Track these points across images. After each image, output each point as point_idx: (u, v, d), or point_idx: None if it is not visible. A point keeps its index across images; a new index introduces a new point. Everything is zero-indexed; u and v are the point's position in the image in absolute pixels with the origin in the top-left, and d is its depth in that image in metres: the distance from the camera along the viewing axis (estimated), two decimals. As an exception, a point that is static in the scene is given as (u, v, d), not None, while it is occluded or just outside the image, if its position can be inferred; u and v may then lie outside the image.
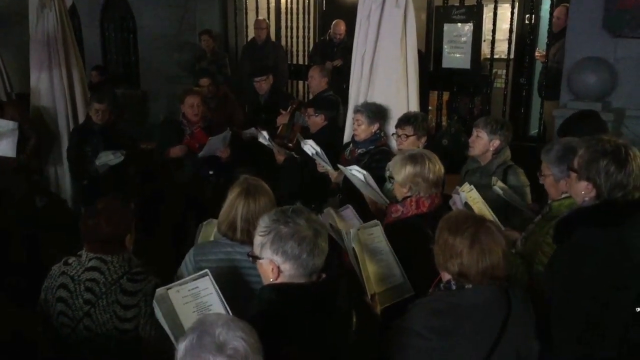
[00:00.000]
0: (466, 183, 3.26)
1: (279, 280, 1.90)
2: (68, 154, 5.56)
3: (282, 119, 5.42)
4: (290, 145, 5.03)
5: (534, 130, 7.20)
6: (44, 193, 6.09)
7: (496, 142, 3.67)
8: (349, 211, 3.29)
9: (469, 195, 3.14)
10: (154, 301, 2.13)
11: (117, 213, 2.61)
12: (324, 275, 1.92)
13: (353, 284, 2.46)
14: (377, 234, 2.67)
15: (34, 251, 5.08)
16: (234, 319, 1.54)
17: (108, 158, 5.15)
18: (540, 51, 6.74)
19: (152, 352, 2.42)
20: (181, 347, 1.46)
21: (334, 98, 5.32)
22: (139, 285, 2.52)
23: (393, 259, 2.63)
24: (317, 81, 5.44)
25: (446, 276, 2.10)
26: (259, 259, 1.93)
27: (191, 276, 2.24)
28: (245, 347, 1.45)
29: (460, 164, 4.25)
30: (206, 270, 2.22)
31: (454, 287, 2.07)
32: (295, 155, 4.68)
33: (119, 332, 2.49)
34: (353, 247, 2.54)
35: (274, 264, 1.89)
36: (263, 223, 1.94)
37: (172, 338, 2.10)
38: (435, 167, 2.86)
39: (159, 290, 2.14)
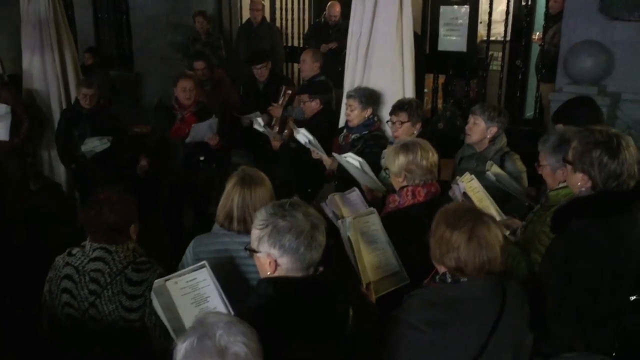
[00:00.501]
0: (467, 173, 3.26)
1: (276, 274, 1.89)
2: (56, 138, 5.52)
3: (276, 112, 5.35)
4: (284, 135, 4.97)
5: (529, 113, 7.19)
6: (38, 177, 6.09)
7: (493, 129, 3.67)
8: (355, 194, 3.28)
9: (468, 185, 3.13)
10: (152, 292, 2.13)
11: (120, 202, 2.60)
12: (321, 269, 1.92)
13: (349, 274, 2.46)
14: (373, 221, 2.66)
15: (36, 235, 5.09)
16: (234, 320, 1.52)
17: (94, 144, 5.11)
18: (537, 34, 6.71)
19: (158, 341, 2.42)
20: (181, 349, 1.45)
21: (327, 81, 5.26)
22: (144, 274, 2.52)
23: (389, 247, 2.63)
24: (308, 65, 5.33)
25: (442, 269, 2.10)
26: (256, 252, 1.92)
27: (189, 268, 2.25)
28: (247, 352, 1.44)
29: (455, 148, 4.24)
30: (204, 262, 2.22)
31: (449, 280, 2.07)
32: (292, 143, 4.66)
33: (125, 322, 2.49)
34: (348, 236, 2.53)
35: (271, 258, 1.88)
36: (260, 216, 1.93)
37: (169, 329, 2.10)
38: (429, 154, 2.86)
39: (157, 282, 2.14)
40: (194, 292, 2.18)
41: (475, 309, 2.01)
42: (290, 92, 5.53)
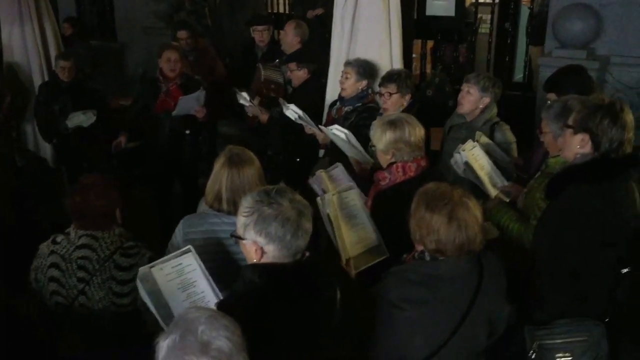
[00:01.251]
0: (470, 140, 3.25)
1: (262, 261, 1.88)
2: (35, 112, 5.42)
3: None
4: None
5: (518, 76, 7.15)
6: (23, 152, 6.00)
7: (486, 100, 3.63)
8: (339, 170, 3.26)
9: (470, 153, 3.12)
10: (137, 280, 2.12)
11: (105, 187, 2.56)
12: (307, 254, 1.91)
13: (333, 257, 2.46)
14: (352, 197, 2.65)
15: (26, 213, 5.03)
16: (216, 315, 1.51)
17: (80, 119, 5.03)
18: None
19: (152, 324, 2.41)
20: (163, 346, 1.43)
21: (314, 52, 5.13)
22: (133, 259, 2.50)
23: (368, 221, 2.63)
24: (290, 38, 5.10)
25: (420, 247, 2.12)
26: (242, 239, 1.91)
27: (174, 253, 2.23)
28: (230, 346, 1.43)
29: (445, 115, 4.21)
30: (189, 246, 2.20)
31: (427, 258, 2.09)
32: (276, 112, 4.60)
33: (116, 307, 2.49)
34: (327, 213, 2.52)
35: (257, 245, 1.87)
36: (246, 203, 1.91)
37: (157, 316, 2.09)
38: (416, 130, 2.81)
39: (142, 269, 2.12)
40: (180, 277, 2.16)
41: (453, 286, 2.05)
42: (265, 92, 5.28)
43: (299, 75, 4.64)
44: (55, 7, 7.60)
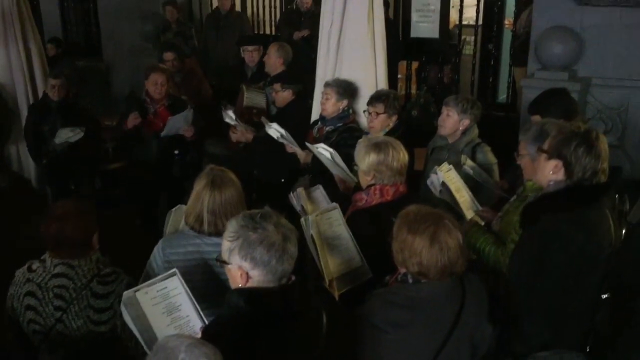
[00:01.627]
0: (445, 163, 3.27)
1: (248, 285, 1.87)
2: (25, 133, 5.40)
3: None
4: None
5: (502, 96, 7.24)
6: (6, 173, 5.95)
7: (466, 122, 3.67)
8: (319, 192, 3.27)
9: (446, 175, 3.14)
10: (121, 305, 2.09)
11: (81, 215, 2.51)
12: (293, 278, 1.91)
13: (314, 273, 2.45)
14: (335, 217, 2.65)
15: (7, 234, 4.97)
16: (197, 342, 1.49)
17: (67, 135, 5.01)
18: (508, 19, 6.74)
19: (134, 350, 2.36)
20: None
21: (298, 73, 5.17)
22: (110, 286, 2.47)
23: (352, 242, 2.63)
24: (273, 60, 5.14)
25: (403, 270, 2.12)
26: (227, 264, 1.90)
27: (159, 276, 2.20)
28: None
29: (430, 135, 4.24)
30: (174, 269, 2.18)
31: (410, 281, 2.09)
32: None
33: (94, 335, 2.45)
34: (311, 234, 2.52)
35: (242, 270, 1.86)
36: (231, 228, 1.90)
37: (141, 342, 2.06)
38: (400, 155, 2.82)
39: (127, 293, 2.09)
40: (165, 301, 2.13)
41: (436, 309, 2.05)
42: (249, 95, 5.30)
43: (283, 96, 4.67)
44: (41, 28, 7.60)
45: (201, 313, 2.16)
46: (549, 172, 2.38)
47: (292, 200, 3.20)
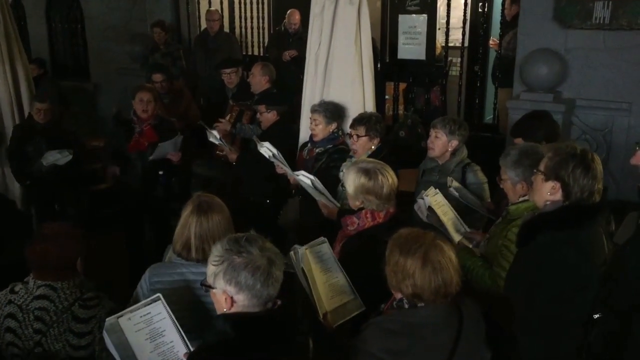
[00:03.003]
0: (431, 187, 3.30)
1: (233, 310, 1.86)
2: (9, 154, 5.35)
3: (223, 127, 5.27)
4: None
5: (488, 117, 7.29)
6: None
7: (454, 142, 3.70)
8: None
9: (433, 199, 3.16)
10: (104, 331, 2.06)
11: (66, 238, 2.49)
12: (279, 302, 1.89)
13: (306, 305, 2.43)
14: (324, 251, 2.63)
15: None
16: None
17: (55, 158, 4.98)
18: (494, 39, 6.81)
19: None
20: None
21: (283, 94, 5.23)
22: (92, 311, 2.44)
23: (342, 275, 2.61)
24: (257, 79, 5.28)
25: (399, 295, 2.10)
26: (212, 288, 1.88)
27: (143, 302, 2.18)
28: None
29: (417, 156, 4.26)
30: (158, 295, 2.16)
31: (406, 306, 2.08)
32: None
33: (73, 359, 2.40)
34: (302, 268, 2.50)
35: (227, 294, 1.85)
36: (216, 252, 1.89)
37: None
38: (389, 181, 2.81)
39: (109, 320, 2.06)
40: (148, 327, 2.11)
41: (434, 334, 2.03)
42: (238, 108, 5.47)
43: (267, 117, 4.69)
44: (29, 48, 7.60)
45: (185, 339, 2.14)
46: (546, 193, 2.41)
47: (292, 261, 3.19)
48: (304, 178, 3.46)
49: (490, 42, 6.84)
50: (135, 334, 2.08)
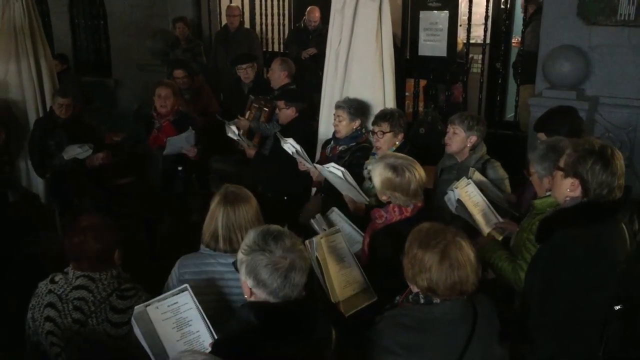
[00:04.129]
0: (463, 178, 3.29)
1: (253, 299, 1.90)
2: (30, 148, 5.41)
3: (242, 124, 5.30)
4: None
5: (510, 114, 7.23)
6: (16, 188, 5.98)
7: (473, 138, 3.67)
8: (335, 214, 3.32)
9: (462, 191, 3.15)
10: (132, 319, 2.09)
11: (104, 228, 2.54)
12: (304, 293, 1.91)
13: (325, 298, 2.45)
14: (339, 240, 2.65)
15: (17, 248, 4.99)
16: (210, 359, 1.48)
17: (76, 152, 5.04)
18: (516, 38, 6.76)
19: None
20: None
21: (302, 91, 5.23)
22: (129, 302, 2.47)
23: (356, 265, 2.62)
24: (276, 74, 5.33)
25: (415, 288, 2.11)
26: (238, 272, 1.94)
27: (171, 292, 2.22)
28: None
29: (437, 153, 4.23)
30: (186, 285, 2.20)
31: (422, 301, 2.08)
32: (264, 150, 4.68)
33: (110, 350, 2.44)
34: (316, 256, 2.51)
35: (247, 285, 1.90)
36: (246, 241, 1.93)
37: (150, 356, 2.06)
38: (416, 177, 2.80)
39: (138, 308, 2.11)
40: (175, 316, 2.15)
41: (448, 330, 2.03)
42: (257, 105, 5.48)
43: (287, 113, 4.70)
44: (52, 44, 7.69)
45: (211, 329, 2.17)
46: (566, 190, 2.39)
47: (314, 226, 3.20)
48: (335, 170, 3.45)
49: (514, 41, 6.78)
50: (163, 322, 2.13)
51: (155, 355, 2.07)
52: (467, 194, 3.19)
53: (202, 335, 2.16)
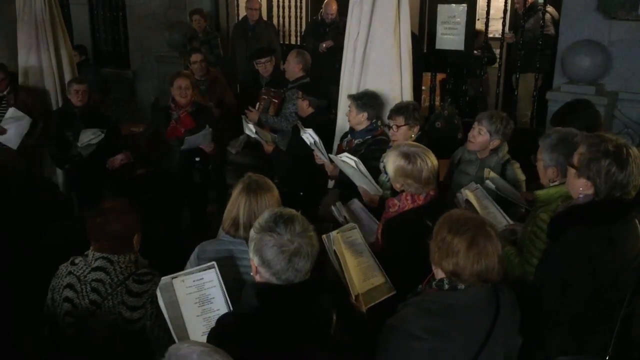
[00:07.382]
0: (472, 183, 3.30)
1: (258, 278, 1.95)
2: (49, 139, 5.44)
3: (252, 116, 5.32)
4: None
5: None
6: (40, 178, 6.05)
7: (496, 142, 3.62)
8: (356, 205, 3.34)
9: (472, 194, 3.16)
10: (157, 289, 2.14)
11: (126, 212, 2.61)
12: (307, 276, 1.94)
13: (337, 285, 2.47)
14: (355, 236, 2.67)
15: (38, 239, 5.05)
16: (209, 350, 1.50)
17: (88, 138, 5.07)
18: (509, 33, 6.75)
19: (161, 353, 2.41)
20: None
21: (321, 89, 5.25)
22: (145, 286, 2.51)
23: (373, 259, 2.64)
24: (291, 66, 5.33)
25: (440, 273, 2.12)
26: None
27: (198, 267, 2.27)
28: None
29: (453, 147, 4.22)
30: (213, 262, 2.25)
31: (446, 287, 2.09)
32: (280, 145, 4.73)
33: (124, 333, 2.48)
34: (334, 250, 2.53)
35: (254, 263, 1.95)
36: (261, 219, 1.97)
37: (170, 327, 2.13)
38: (428, 165, 2.81)
39: (164, 279, 2.16)
40: (199, 292, 2.21)
41: (472, 317, 2.04)
42: (265, 97, 5.50)
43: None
44: (71, 35, 7.75)
45: (232, 308, 2.21)
46: (579, 188, 2.38)
47: (334, 214, 3.23)
48: (348, 159, 3.46)
49: (506, 35, 6.70)
50: (186, 296, 2.18)
51: (173, 327, 2.12)
52: (475, 198, 3.21)
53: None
